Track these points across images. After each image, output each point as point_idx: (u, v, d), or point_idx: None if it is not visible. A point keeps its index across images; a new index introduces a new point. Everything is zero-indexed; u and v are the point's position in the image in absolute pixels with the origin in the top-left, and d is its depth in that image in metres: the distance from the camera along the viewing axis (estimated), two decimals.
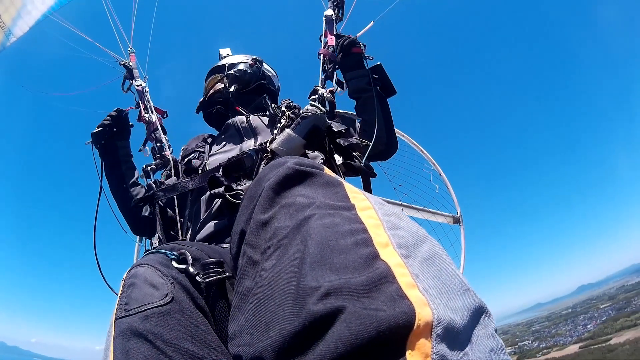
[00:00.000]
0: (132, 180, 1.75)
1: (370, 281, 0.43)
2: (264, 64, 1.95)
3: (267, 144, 1.29)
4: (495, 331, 0.46)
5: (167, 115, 2.06)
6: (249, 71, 1.86)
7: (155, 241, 1.52)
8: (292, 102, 1.60)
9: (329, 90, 1.63)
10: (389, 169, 2.80)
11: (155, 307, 0.70)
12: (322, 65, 1.73)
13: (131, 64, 2.13)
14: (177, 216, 1.47)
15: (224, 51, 2.07)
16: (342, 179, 0.69)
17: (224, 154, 1.55)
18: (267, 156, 1.25)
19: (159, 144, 1.84)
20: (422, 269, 0.47)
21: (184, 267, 0.81)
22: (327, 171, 0.72)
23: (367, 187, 1.46)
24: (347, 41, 1.65)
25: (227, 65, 1.90)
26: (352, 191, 0.63)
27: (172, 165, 1.66)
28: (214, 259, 0.85)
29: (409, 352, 0.38)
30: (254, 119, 1.64)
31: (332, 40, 1.75)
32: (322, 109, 1.29)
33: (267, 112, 1.67)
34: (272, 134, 1.38)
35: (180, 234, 1.45)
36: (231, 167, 1.29)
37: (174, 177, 1.61)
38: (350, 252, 0.48)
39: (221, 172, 1.27)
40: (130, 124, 1.81)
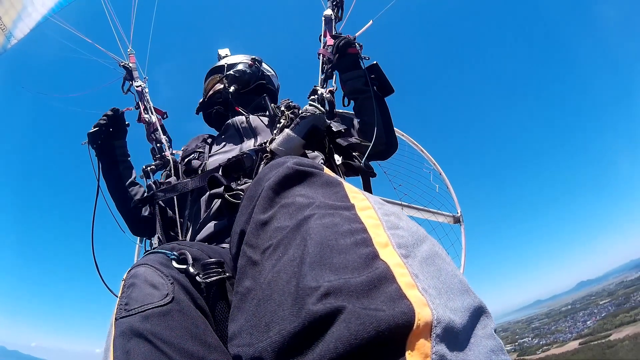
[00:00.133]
0: (130, 180, 1.74)
1: (369, 281, 0.43)
2: (263, 63, 1.94)
3: (267, 144, 1.29)
4: (494, 331, 0.46)
5: (167, 116, 2.06)
6: (248, 71, 1.85)
7: (155, 242, 1.52)
8: (291, 102, 1.60)
9: (328, 90, 1.63)
10: (389, 169, 2.80)
11: (155, 307, 0.71)
12: (322, 65, 1.72)
13: (131, 65, 2.13)
14: (177, 216, 1.47)
15: (222, 51, 2.06)
16: (341, 179, 0.69)
17: (223, 154, 1.55)
18: (267, 156, 1.25)
19: (158, 145, 1.84)
20: (421, 268, 0.47)
21: (184, 267, 0.82)
22: (326, 171, 0.72)
23: (367, 187, 1.46)
24: (343, 42, 1.62)
25: (226, 65, 1.89)
26: (352, 191, 0.63)
27: (172, 165, 1.66)
28: (214, 259, 0.85)
29: (408, 353, 0.38)
30: (254, 119, 1.64)
31: (331, 40, 1.74)
32: (321, 109, 1.29)
33: (267, 112, 1.67)
34: (272, 134, 1.38)
35: (180, 234, 1.44)
36: (231, 167, 1.29)
37: (173, 177, 1.60)
38: (349, 252, 0.48)
39: (221, 173, 1.27)
40: (126, 123, 1.80)
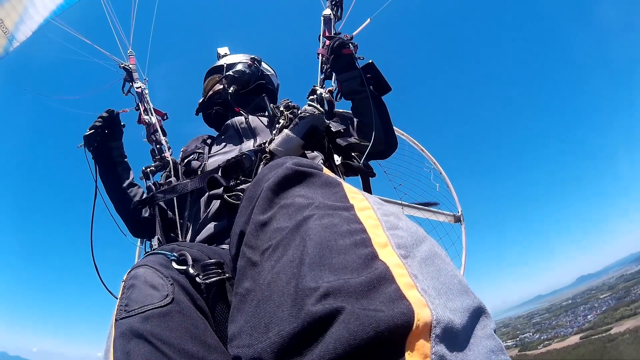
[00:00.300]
0: (129, 181, 1.73)
1: (369, 282, 0.43)
2: (262, 63, 1.93)
3: (266, 145, 1.28)
4: (494, 332, 0.46)
5: (167, 117, 2.05)
6: (248, 71, 1.84)
7: (155, 243, 1.51)
8: (290, 102, 1.59)
9: (327, 90, 1.62)
10: (389, 168, 2.79)
11: (155, 308, 0.71)
12: (321, 65, 1.72)
13: (131, 66, 2.13)
14: (177, 217, 1.47)
15: (222, 50, 2.05)
16: (341, 179, 0.68)
17: (223, 155, 1.54)
18: (266, 157, 1.24)
19: (158, 146, 1.84)
20: (421, 269, 0.47)
21: (184, 268, 0.82)
22: (326, 171, 0.71)
23: (367, 187, 1.45)
24: (337, 43, 1.60)
25: (225, 65, 1.88)
26: (351, 191, 0.63)
27: (172, 166, 1.65)
28: (213, 260, 0.85)
29: (408, 353, 0.38)
30: (253, 120, 1.63)
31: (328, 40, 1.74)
32: (320, 109, 1.29)
33: (267, 113, 1.66)
34: (272, 135, 1.38)
35: (180, 236, 1.44)
36: (230, 168, 1.29)
37: (173, 178, 1.60)
38: (349, 252, 0.48)
39: (220, 173, 1.27)
40: (122, 124, 1.78)
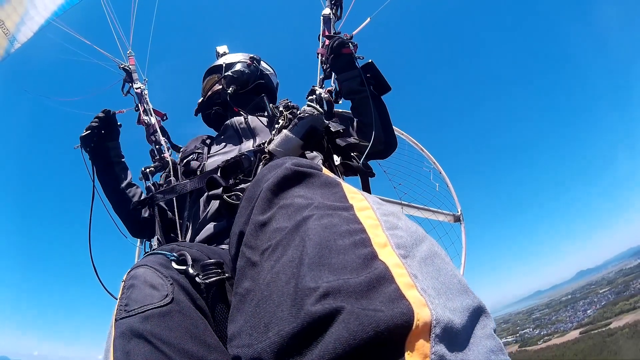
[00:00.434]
0: (127, 181, 1.72)
1: (368, 281, 0.43)
2: (261, 62, 1.92)
3: (265, 145, 1.28)
4: (494, 331, 0.46)
5: (166, 117, 2.05)
6: (247, 71, 1.83)
7: (154, 243, 1.51)
8: (290, 102, 1.59)
9: (327, 90, 1.62)
10: (389, 168, 2.80)
11: (155, 307, 0.71)
12: (320, 64, 1.72)
13: (131, 67, 2.13)
14: (177, 218, 1.47)
15: (221, 49, 2.03)
16: (340, 179, 0.68)
17: (222, 155, 1.54)
18: (265, 157, 1.24)
19: (157, 146, 1.83)
20: (420, 269, 0.47)
21: (184, 268, 0.82)
22: (325, 171, 0.71)
23: (366, 187, 1.45)
24: (336, 42, 1.60)
25: (224, 65, 1.86)
26: (350, 191, 0.63)
27: (171, 167, 1.65)
28: (213, 260, 0.85)
29: (407, 353, 0.38)
30: (253, 120, 1.63)
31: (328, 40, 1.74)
32: (320, 109, 1.28)
33: (266, 113, 1.66)
34: (271, 135, 1.37)
35: (179, 236, 1.44)
36: (229, 168, 1.29)
37: (173, 178, 1.59)
38: (348, 252, 0.48)
39: (219, 174, 1.27)
40: (118, 123, 1.77)
